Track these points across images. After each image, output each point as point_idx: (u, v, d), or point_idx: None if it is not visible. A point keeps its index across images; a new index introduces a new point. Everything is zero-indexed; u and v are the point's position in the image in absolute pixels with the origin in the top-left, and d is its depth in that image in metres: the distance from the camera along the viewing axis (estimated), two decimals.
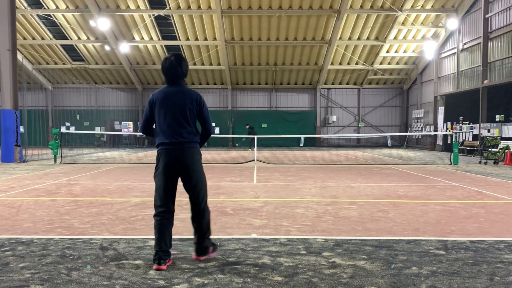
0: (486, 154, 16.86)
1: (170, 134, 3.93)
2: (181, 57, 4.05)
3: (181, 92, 4.00)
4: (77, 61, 30.83)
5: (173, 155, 3.92)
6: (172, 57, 4.02)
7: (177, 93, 3.99)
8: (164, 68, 4.01)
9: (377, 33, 27.12)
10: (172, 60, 3.99)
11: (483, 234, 5.17)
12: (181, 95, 3.98)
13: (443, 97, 26.08)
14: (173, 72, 3.99)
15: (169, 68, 3.99)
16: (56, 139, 16.18)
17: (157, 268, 3.78)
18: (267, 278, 3.57)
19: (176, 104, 3.94)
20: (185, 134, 3.95)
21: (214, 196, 7.98)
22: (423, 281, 3.53)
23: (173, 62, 3.98)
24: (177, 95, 3.98)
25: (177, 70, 4.00)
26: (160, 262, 3.79)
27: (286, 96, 33.14)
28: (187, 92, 4.02)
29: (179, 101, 3.96)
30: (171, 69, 3.99)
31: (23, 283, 3.46)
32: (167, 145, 3.93)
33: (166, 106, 3.95)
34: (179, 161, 3.92)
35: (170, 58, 4.01)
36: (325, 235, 5.05)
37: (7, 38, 15.88)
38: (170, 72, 4.00)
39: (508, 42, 20.35)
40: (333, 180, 10.72)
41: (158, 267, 3.79)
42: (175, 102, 3.95)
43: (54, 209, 6.62)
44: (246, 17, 25.63)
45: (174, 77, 4.01)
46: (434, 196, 8.13)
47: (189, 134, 3.97)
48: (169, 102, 3.96)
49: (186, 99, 3.97)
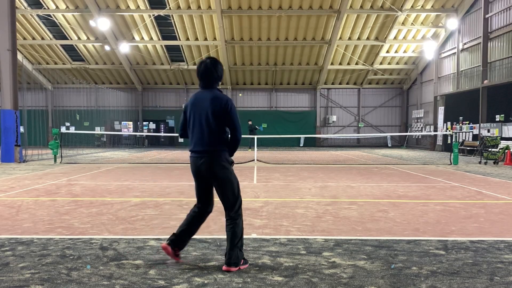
0: (486, 154, 16.86)
1: (196, 141, 3.88)
2: (216, 60, 3.96)
3: (211, 97, 3.87)
4: (77, 61, 30.83)
5: (197, 163, 3.87)
6: (208, 60, 3.93)
7: (206, 98, 3.87)
8: (199, 72, 3.92)
9: (377, 33, 27.12)
10: (208, 63, 3.90)
11: (483, 234, 5.17)
12: (210, 100, 3.85)
13: (443, 97, 26.08)
14: (208, 76, 3.91)
15: (204, 72, 3.90)
16: (56, 139, 16.17)
17: (164, 247, 3.89)
18: (267, 278, 3.57)
19: (203, 110, 3.85)
20: (209, 142, 3.83)
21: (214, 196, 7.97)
22: (423, 281, 3.53)
23: (208, 65, 3.89)
24: (205, 100, 3.87)
25: (212, 74, 3.90)
26: (169, 243, 3.89)
27: (286, 96, 33.14)
28: (216, 97, 3.86)
29: (206, 106, 3.84)
30: (206, 72, 3.90)
31: (23, 283, 3.46)
32: (193, 152, 3.91)
33: (194, 112, 3.90)
34: (203, 169, 3.85)
35: (205, 61, 3.92)
36: (325, 235, 5.05)
37: (7, 38, 15.88)
38: (205, 76, 3.91)
39: (508, 42, 20.35)
40: (333, 180, 10.72)
41: (165, 245, 3.89)
42: (203, 108, 3.86)
43: (54, 209, 6.62)
44: (246, 17, 25.63)
45: (209, 81, 3.92)
46: (434, 196, 8.13)
47: (214, 142, 3.84)
48: (197, 107, 3.89)
49: (213, 105, 3.83)
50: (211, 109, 3.82)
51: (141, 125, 33.24)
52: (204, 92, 3.93)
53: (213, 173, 3.83)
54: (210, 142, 3.83)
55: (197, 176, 3.92)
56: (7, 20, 15.87)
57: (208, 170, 3.83)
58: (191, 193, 8.42)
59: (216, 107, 3.82)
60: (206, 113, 3.84)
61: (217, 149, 3.84)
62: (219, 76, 3.94)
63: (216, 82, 3.95)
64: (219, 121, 3.83)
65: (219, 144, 3.86)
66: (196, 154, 3.88)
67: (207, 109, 3.83)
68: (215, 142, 3.84)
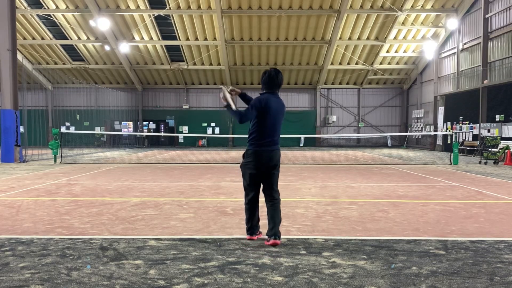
0: (486, 154, 16.86)
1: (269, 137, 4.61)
2: (279, 72, 4.73)
3: (281, 103, 4.73)
4: (77, 61, 30.84)
5: (268, 155, 4.60)
6: (273, 71, 4.68)
7: (279, 103, 4.68)
8: (270, 78, 4.66)
9: (377, 33, 27.12)
10: (274, 72, 4.67)
11: (483, 234, 5.17)
12: (282, 106, 4.72)
13: (443, 97, 26.08)
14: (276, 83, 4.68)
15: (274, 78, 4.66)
16: (56, 139, 16.17)
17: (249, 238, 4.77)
18: (267, 278, 3.57)
19: (278, 112, 4.64)
20: (277, 139, 4.70)
21: (214, 196, 7.98)
22: (423, 281, 3.53)
23: (277, 74, 4.68)
24: (279, 104, 4.67)
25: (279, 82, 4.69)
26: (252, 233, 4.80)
27: (286, 96, 33.12)
28: (282, 103, 4.75)
29: (279, 109, 4.67)
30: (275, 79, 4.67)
31: (23, 283, 3.46)
32: (266, 146, 4.60)
33: (270, 111, 4.58)
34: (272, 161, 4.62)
35: (271, 71, 4.68)
36: (325, 235, 5.05)
37: (7, 38, 15.88)
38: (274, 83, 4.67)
39: (508, 42, 20.35)
40: (333, 180, 10.72)
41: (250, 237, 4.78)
42: (278, 110, 4.63)
43: (54, 209, 6.62)
44: (246, 17, 25.63)
45: (275, 87, 4.70)
46: (434, 196, 8.13)
47: (278, 139, 4.73)
48: (273, 109, 4.59)
49: (283, 109, 4.74)
50: (282, 113, 4.71)
51: (141, 125, 33.25)
52: (273, 96, 4.68)
53: (276, 163, 4.67)
54: (277, 140, 4.71)
55: (264, 166, 4.60)
56: (7, 20, 15.87)
57: (274, 161, 4.65)
58: (191, 193, 8.43)
59: (283, 111, 4.75)
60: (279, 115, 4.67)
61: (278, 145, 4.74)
62: (281, 84, 4.77)
63: (278, 88, 4.76)
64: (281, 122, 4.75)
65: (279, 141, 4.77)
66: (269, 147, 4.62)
67: (280, 113, 4.68)
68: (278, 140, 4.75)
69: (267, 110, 4.56)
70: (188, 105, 33.12)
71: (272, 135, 4.61)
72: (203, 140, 32.67)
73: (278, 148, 4.71)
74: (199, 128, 32.29)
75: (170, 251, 4.36)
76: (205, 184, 9.85)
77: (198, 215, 6.22)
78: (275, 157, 4.63)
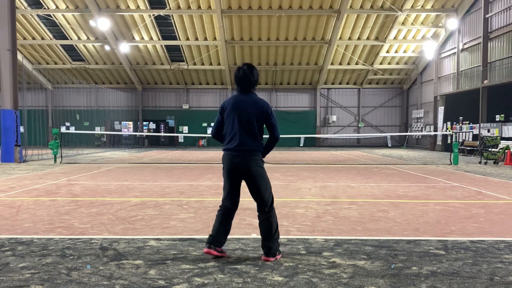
0: (486, 154, 16.86)
1: (235, 141, 4.09)
2: (252, 66, 4.26)
3: (251, 101, 4.17)
4: (77, 61, 30.83)
5: (234, 161, 4.08)
6: (245, 66, 4.21)
7: (247, 102, 4.15)
8: (237, 77, 4.20)
9: (377, 33, 27.12)
10: (245, 69, 4.18)
11: (483, 234, 5.17)
12: (251, 104, 4.15)
13: (443, 97, 26.08)
14: (246, 81, 4.18)
15: (242, 77, 4.18)
16: (56, 139, 16.17)
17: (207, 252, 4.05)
18: (267, 278, 3.57)
19: (245, 113, 4.11)
20: (248, 142, 4.10)
21: (214, 196, 7.98)
22: (423, 281, 3.52)
23: (246, 71, 4.17)
24: (247, 104, 4.14)
25: (250, 79, 4.18)
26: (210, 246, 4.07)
27: (286, 96, 33.14)
28: (257, 101, 4.18)
29: (248, 109, 4.12)
30: (244, 78, 4.17)
31: (23, 283, 3.46)
32: (231, 150, 4.11)
33: (234, 113, 4.13)
34: (240, 167, 4.08)
35: (243, 67, 4.20)
36: (325, 235, 5.05)
37: (7, 38, 15.88)
38: (243, 81, 4.19)
39: (508, 42, 20.35)
40: (333, 180, 10.72)
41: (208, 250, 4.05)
42: (244, 111, 4.12)
43: (54, 209, 6.62)
44: (246, 17, 25.63)
45: (246, 85, 4.20)
46: (434, 196, 8.13)
47: (252, 142, 4.12)
48: (238, 109, 4.13)
49: (255, 108, 4.14)
50: (253, 113, 4.12)
51: (141, 125, 33.24)
52: (243, 95, 4.20)
53: (250, 170, 4.08)
54: (250, 142, 4.11)
55: (231, 172, 4.12)
56: (7, 20, 15.87)
57: (244, 167, 4.08)
58: (191, 193, 8.42)
59: (257, 110, 4.14)
60: (248, 116, 4.11)
61: (255, 149, 4.13)
62: (255, 81, 4.24)
63: (253, 87, 4.25)
64: (259, 124, 4.16)
65: (257, 144, 4.16)
66: (235, 152, 4.09)
67: (248, 112, 4.12)
68: (254, 143, 4.14)
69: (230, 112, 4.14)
70: (188, 105, 33.12)
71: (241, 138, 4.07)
72: (203, 140, 32.67)
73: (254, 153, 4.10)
74: (199, 128, 32.29)
75: (170, 251, 4.36)
76: (205, 184, 9.84)
77: (198, 215, 6.22)
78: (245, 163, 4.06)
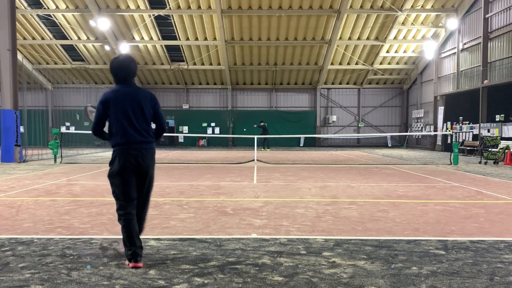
0: (486, 154, 16.86)
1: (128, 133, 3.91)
2: (130, 57, 4.13)
3: (136, 91, 4.02)
4: (77, 61, 30.83)
5: (130, 154, 3.92)
6: (120, 57, 4.08)
7: (133, 92, 3.99)
8: (114, 68, 4.02)
9: (377, 33, 27.12)
10: (123, 60, 4.03)
11: (483, 234, 5.17)
12: (137, 94, 4.00)
13: (443, 97, 26.08)
14: (125, 71, 4.01)
15: (120, 68, 4.01)
16: (56, 139, 16.17)
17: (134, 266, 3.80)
18: (267, 278, 3.57)
19: (134, 103, 3.95)
20: (143, 133, 3.97)
21: (214, 196, 7.98)
22: (423, 281, 3.53)
23: (125, 62, 4.02)
24: (133, 94, 3.98)
25: (130, 69, 4.02)
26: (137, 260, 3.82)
27: (286, 96, 33.14)
28: (142, 91, 4.06)
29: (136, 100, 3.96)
30: (122, 68, 4.00)
31: (23, 283, 3.46)
32: (124, 145, 3.93)
33: (122, 106, 3.92)
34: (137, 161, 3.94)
35: (118, 57, 4.06)
36: (325, 235, 5.05)
37: (7, 38, 15.87)
38: (121, 71, 4.01)
39: (508, 42, 20.35)
40: (333, 180, 10.72)
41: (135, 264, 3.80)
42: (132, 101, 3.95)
43: (54, 209, 6.62)
44: (246, 17, 25.63)
45: (126, 76, 4.02)
46: (434, 196, 8.13)
47: (147, 133, 4.00)
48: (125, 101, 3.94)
49: (142, 98, 4.00)
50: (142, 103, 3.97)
51: None
52: (125, 87, 4.01)
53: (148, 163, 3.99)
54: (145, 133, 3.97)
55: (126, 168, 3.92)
56: (7, 20, 15.87)
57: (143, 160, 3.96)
58: (191, 193, 8.43)
59: (143, 100, 3.99)
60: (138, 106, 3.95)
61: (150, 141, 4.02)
62: (134, 72, 4.07)
63: (132, 77, 4.07)
64: (149, 114, 4.02)
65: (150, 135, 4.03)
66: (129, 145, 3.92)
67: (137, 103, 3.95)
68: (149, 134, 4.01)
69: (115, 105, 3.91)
70: (188, 105, 33.12)
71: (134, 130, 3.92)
72: (203, 140, 32.66)
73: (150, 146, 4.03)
74: (199, 128, 32.28)
75: (170, 251, 4.36)
76: (205, 184, 9.85)
77: (198, 215, 6.22)
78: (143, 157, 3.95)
